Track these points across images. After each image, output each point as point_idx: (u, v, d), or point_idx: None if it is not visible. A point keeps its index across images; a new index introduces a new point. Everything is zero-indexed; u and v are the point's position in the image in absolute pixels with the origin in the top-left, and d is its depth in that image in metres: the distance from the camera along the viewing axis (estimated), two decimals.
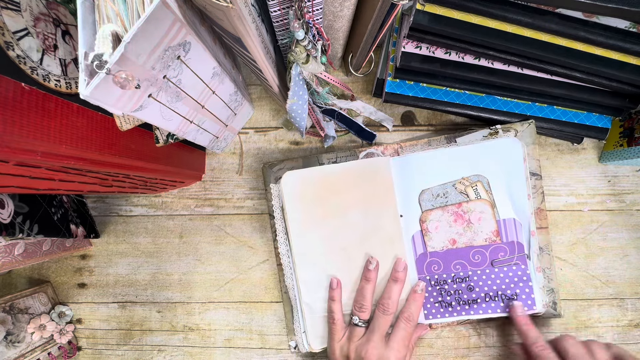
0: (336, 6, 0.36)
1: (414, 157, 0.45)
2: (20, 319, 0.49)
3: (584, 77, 0.39)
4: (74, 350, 0.53)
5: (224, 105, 0.42)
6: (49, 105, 0.29)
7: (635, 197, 0.47)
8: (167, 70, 0.29)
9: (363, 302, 0.43)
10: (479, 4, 0.34)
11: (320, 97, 0.43)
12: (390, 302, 0.42)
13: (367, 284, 0.43)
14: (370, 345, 0.40)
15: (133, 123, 0.35)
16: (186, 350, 0.52)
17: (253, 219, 0.51)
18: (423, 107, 0.46)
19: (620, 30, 0.35)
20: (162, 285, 0.53)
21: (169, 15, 0.25)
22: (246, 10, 0.28)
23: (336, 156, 0.47)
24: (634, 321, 0.47)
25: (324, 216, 0.45)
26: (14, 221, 0.39)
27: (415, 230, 0.45)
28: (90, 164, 0.33)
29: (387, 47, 0.46)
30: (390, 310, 0.42)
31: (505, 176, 0.44)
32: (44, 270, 0.54)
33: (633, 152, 0.42)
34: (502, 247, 0.44)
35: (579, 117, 0.44)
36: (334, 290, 0.44)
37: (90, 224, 0.52)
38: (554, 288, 0.44)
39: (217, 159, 0.52)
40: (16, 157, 0.27)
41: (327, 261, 0.45)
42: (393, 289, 0.43)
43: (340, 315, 0.44)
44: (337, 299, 0.44)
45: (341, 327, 0.43)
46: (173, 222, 0.53)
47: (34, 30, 0.29)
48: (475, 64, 0.41)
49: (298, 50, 0.34)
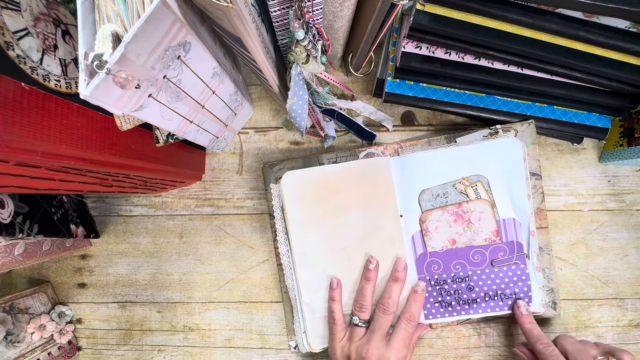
0: (336, 6, 0.36)
1: (414, 157, 0.45)
2: (20, 319, 0.49)
3: (584, 77, 0.39)
4: (74, 350, 0.53)
5: (224, 105, 0.42)
6: (49, 105, 0.29)
7: (635, 197, 0.47)
8: (167, 70, 0.29)
9: (363, 302, 0.43)
10: (479, 4, 0.34)
11: (320, 97, 0.43)
12: (390, 302, 0.42)
13: (367, 284, 0.43)
14: (371, 345, 0.40)
15: (133, 123, 0.35)
16: (186, 350, 0.52)
17: (253, 219, 0.51)
18: (423, 107, 0.46)
19: (620, 30, 0.35)
20: (162, 285, 0.53)
21: (169, 15, 0.25)
22: (246, 10, 0.28)
23: (336, 156, 0.48)
24: (634, 321, 0.47)
25: (324, 216, 0.45)
26: (14, 221, 0.39)
27: (415, 230, 0.45)
28: (91, 164, 0.33)
29: (387, 47, 0.46)
30: (390, 310, 0.42)
31: (505, 176, 0.44)
32: (44, 270, 0.54)
33: (633, 152, 0.42)
34: (501, 247, 0.44)
35: (579, 117, 0.44)
36: (334, 290, 0.44)
37: (90, 224, 0.52)
38: (553, 288, 0.44)
39: (217, 159, 0.52)
40: (16, 157, 0.27)
41: (327, 261, 0.45)
42: (393, 289, 0.43)
43: (341, 315, 0.44)
44: (337, 299, 0.44)
45: (342, 328, 0.43)
46: (173, 222, 0.53)
47: (34, 30, 0.29)
48: (475, 64, 0.41)
49: (298, 50, 0.34)
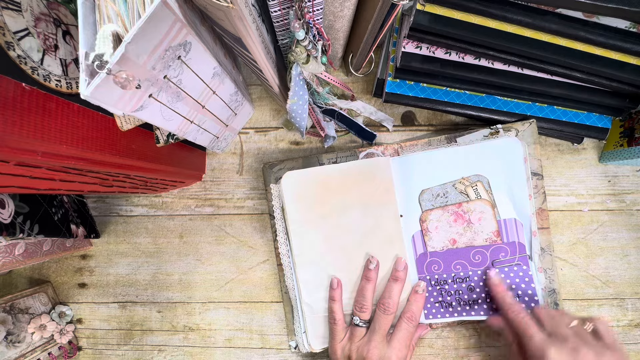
0: (336, 6, 0.36)
1: (414, 157, 0.45)
2: (20, 319, 0.49)
3: (584, 77, 0.39)
4: (74, 350, 0.53)
5: (224, 105, 0.42)
6: (49, 105, 0.29)
7: (635, 197, 0.47)
8: (167, 71, 0.29)
9: (363, 302, 0.43)
10: (479, 4, 0.35)
11: (321, 97, 0.43)
12: (391, 302, 0.42)
13: (368, 284, 0.43)
14: (372, 345, 0.40)
15: (133, 123, 0.35)
16: (186, 350, 0.52)
17: (253, 219, 0.51)
18: (423, 107, 0.46)
19: (620, 30, 0.35)
20: (163, 285, 0.53)
21: (169, 15, 0.25)
22: (247, 10, 0.28)
23: (336, 156, 0.48)
24: (634, 321, 0.47)
25: (324, 216, 0.45)
26: (14, 221, 0.39)
27: (416, 230, 0.45)
28: (91, 164, 0.33)
29: (387, 47, 0.46)
30: (391, 310, 0.42)
31: (506, 176, 0.44)
32: (44, 270, 0.54)
33: (633, 152, 0.42)
34: (502, 248, 0.44)
35: (579, 117, 0.44)
36: (334, 290, 0.44)
37: (90, 224, 0.52)
38: (555, 289, 0.44)
39: (218, 159, 0.52)
40: (17, 157, 0.27)
41: (327, 261, 0.45)
42: (394, 289, 0.43)
43: (341, 315, 0.44)
44: (337, 299, 0.44)
45: (342, 328, 0.43)
46: (173, 222, 0.53)
47: (35, 30, 0.29)
48: (476, 64, 0.41)
49: (298, 50, 0.34)
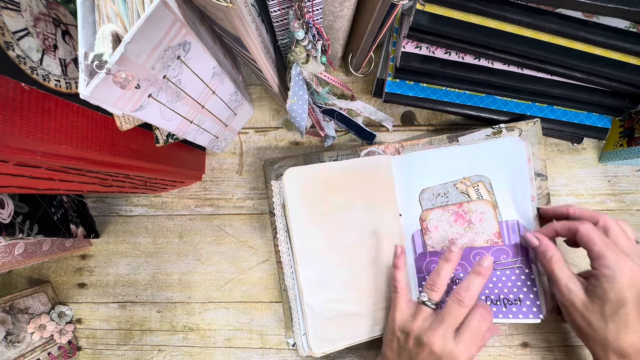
0: (336, 6, 0.36)
1: (415, 156, 0.45)
2: (20, 319, 0.49)
3: (584, 77, 0.39)
4: (74, 350, 0.53)
5: (224, 105, 0.41)
6: (49, 105, 0.29)
7: (635, 197, 0.47)
8: (167, 70, 0.29)
9: (437, 281, 0.39)
10: (479, 4, 0.34)
11: (320, 97, 0.43)
12: (467, 295, 0.38)
13: (446, 264, 0.40)
14: (438, 333, 0.37)
15: (133, 123, 0.35)
16: (186, 350, 0.52)
17: (253, 219, 0.51)
18: (423, 107, 0.46)
19: (620, 30, 0.35)
20: (162, 285, 0.53)
21: (169, 15, 0.25)
22: (246, 10, 0.28)
23: (337, 154, 0.47)
24: None
25: (325, 213, 0.44)
26: (14, 221, 0.39)
27: (415, 229, 0.45)
28: (90, 164, 0.33)
29: (387, 47, 0.46)
30: (466, 302, 0.38)
31: (508, 177, 0.43)
32: (44, 270, 0.54)
33: (633, 152, 0.42)
34: (504, 249, 0.43)
35: (579, 117, 0.44)
36: (398, 257, 0.43)
37: (90, 224, 0.52)
38: None
39: (217, 159, 0.52)
40: (16, 157, 0.27)
41: (328, 259, 0.45)
42: (474, 281, 0.39)
43: (404, 284, 0.41)
44: (401, 267, 0.42)
45: (406, 299, 0.40)
46: (173, 222, 0.53)
47: (34, 30, 0.29)
48: (475, 64, 0.41)
49: (298, 50, 0.34)
